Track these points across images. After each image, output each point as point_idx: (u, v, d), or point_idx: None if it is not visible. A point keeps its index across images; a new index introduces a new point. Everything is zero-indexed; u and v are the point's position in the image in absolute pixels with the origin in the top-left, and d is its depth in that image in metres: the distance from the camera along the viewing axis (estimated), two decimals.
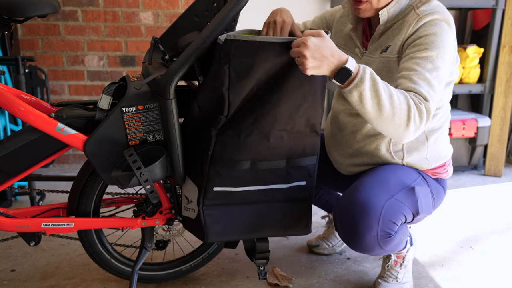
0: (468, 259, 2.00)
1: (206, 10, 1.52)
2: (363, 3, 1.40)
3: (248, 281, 1.77)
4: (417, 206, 1.45)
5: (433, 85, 1.30)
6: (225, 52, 1.21)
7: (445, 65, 1.34)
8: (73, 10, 2.87)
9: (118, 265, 1.65)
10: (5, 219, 1.44)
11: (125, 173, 1.35)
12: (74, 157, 3.09)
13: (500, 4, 2.86)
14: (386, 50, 1.43)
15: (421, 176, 1.53)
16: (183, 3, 2.96)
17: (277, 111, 1.29)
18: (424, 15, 1.37)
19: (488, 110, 3.10)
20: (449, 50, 1.36)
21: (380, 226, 1.38)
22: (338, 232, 1.48)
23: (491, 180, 2.99)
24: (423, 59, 1.32)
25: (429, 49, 1.33)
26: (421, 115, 1.25)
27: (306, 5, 3.10)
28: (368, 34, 1.53)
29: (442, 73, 1.33)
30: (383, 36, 1.46)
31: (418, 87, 1.28)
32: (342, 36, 1.59)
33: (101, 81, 3.01)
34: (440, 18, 1.36)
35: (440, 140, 1.56)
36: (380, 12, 1.41)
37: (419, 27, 1.37)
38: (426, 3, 1.41)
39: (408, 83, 1.29)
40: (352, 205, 1.40)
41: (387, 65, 1.43)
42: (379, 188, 1.41)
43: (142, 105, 1.38)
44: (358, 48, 1.52)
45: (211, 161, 1.32)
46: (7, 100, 1.32)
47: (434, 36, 1.34)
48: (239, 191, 1.39)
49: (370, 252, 1.46)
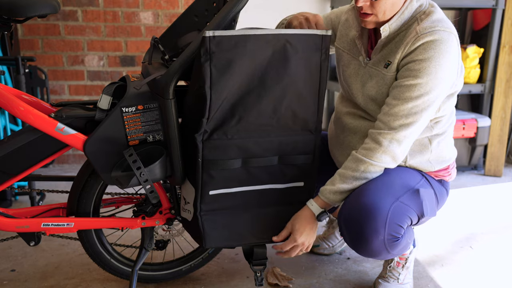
0: (468, 259, 1.99)
1: (206, 10, 1.52)
2: (369, 15, 1.38)
3: (248, 281, 1.77)
4: (422, 208, 1.44)
5: (413, 113, 1.36)
6: (205, 49, 1.21)
7: (437, 88, 1.35)
8: (73, 10, 2.87)
9: (118, 265, 1.65)
10: (5, 219, 1.44)
11: (125, 173, 1.35)
12: (74, 157, 3.09)
13: (500, 4, 2.86)
14: (388, 66, 1.42)
15: (424, 178, 1.52)
16: (183, 3, 2.96)
17: (260, 107, 1.31)
18: (423, 33, 1.34)
19: (488, 110, 3.10)
20: (445, 71, 1.35)
21: (387, 230, 1.37)
22: (344, 237, 1.47)
23: (491, 180, 2.99)
24: (410, 87, 1.35)
25: (419, 76, 1.34)
26: (387, 153, 1.38)
27: (307, 5, 3.10)
28: (373, 41, 1.50)
29: (432, 97, 1.36)
30: (386, 47, 1.44)
31: (392, 121, 1.37)
32: (347, 40, 1.55)
33: (101, 81, 3.01)
34: (438, 38, 1.33)
35: (444, 144, 1.55)
36: (381, 28, 1.39)
37: (415, 48, 1.35)
38: (429, 15, 1.38)
39: (385, 116, 1.39)
40: (358, 209, 1.38)
41: (388, 82, 1.43)
42: (384, 191, 1.40)
43: (142, 105, 1.38)
44: (362, 57, 1.49)
45: (203, 167, 1.33)
46: (7, 100, 1.32)
47: (428, 61, 1.33)
48: (234, 192, 1.39)
49: (377, 256, 1.45)
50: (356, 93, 1.51)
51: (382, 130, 1.38)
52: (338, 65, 1.60)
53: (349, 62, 1.54)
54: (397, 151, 1.38)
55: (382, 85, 1.43)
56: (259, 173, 1.39)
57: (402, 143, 1.38)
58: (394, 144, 1.37)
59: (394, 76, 1.41)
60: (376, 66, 1.45)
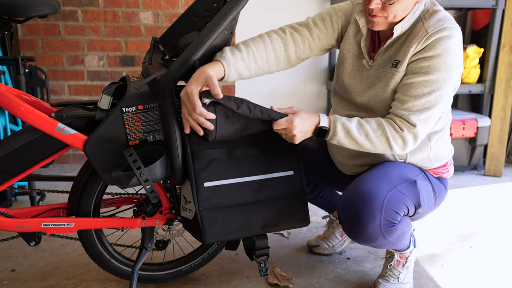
0: (468, 259, 2.00)
1: (206, 11, 1.52)
2: (378, 16, 1.37)
3: (248, 281, 1.77)
4: (419, 199, 1.48)
5: (426, 108, 1.38)
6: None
7: (448, 83, 1.38)
8: (73, 10, 2.87)
9: (118, 265, 1.65)
10: (5, 219, 1.44)
11: (125, 173, 1.35)
12: (74, 157, 3.09)
13: (500, 4, 2.86)
14: (396, 65, 1.42)
15: (423, 173, 1.56)
16: (183, 3, 2.96)
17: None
18: (433, 32, 1.36)
19: (488, 110, 3.10)
20: (454, 66, 1.37)
21: (383, 215, 1.40)
22: (341, 224, 1.49)
23: (491, 180, 2.99)
24: (422, 83, 1.37)
25: (430, 72, 1.36)
26: (404, 141, 1.40)
27: (307, 5, 3.10)
28: (376, 42, 1.50)
29: (443, 92, 1.38)
30: (392, 48, 1.44)
31: (407, 114, 1.39)
32: (353, 42, 1.54)
33: (101, 81, 3.01)
34: (448, 34, 1.35)
35: (442, 141, 1.57)
36: (395, 28, 1.39)
37: (427, 45, 1.37)
38: (434, 14, 1.39)
39: (399, 110, 1.40)
40: (356, 196, 1.43)
41: (398, 81, 1.43)
42: (381, 180, 1.44)
43: (142, 105, 1.38)
44: (366, 60, 1.50)
45: (193, 157, 1.39)
46: (7, 100, 1.32)
47: (439, 58, 1.35)
48: (228, 184, 1.42)
49: (374, 242, 1.47)
50: (360, 94, 1.52)
51: (403, 120, 1.40)
52: (340, 67, 1.58)
53: (354, 64, 1.54)
54: (411, 142, 1.41)
55: (393, 84, 1.44)
56: (248, 164, 1.45)
57: (417, 137, 1.41)
58: (411, 135, 1.40)
59: (404, 74, 1.42)
60: (383, 67, 1.46)
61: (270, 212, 1.47)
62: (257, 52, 1.42)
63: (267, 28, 1.58)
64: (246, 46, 1.41)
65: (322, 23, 1.53)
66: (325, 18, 1.54)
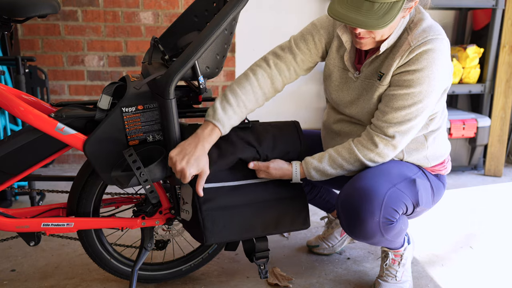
0: (468, 259, 2.00)
1: (206, 10, 1.52)
2: (365, 38, 1.37)
3: (248, 281, 1.77)
4: (418, 198, 1.48)
5: (407, 120, 1.40)
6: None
7: (430, 94, 1.39)
8: (73, 10, 2.87)
9: (118, 265, 1.65)
10: (5, 219, 1.44)
11: (125, 173, 1.35)
12: (74, 157, 3.09)
13: (500, 4, 2.86)
14: (381, 78, 1.43)
15: (421, 171, 1.56)
16: (183, 3, 2.96)
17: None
18: (416, 45, 1.35)
19: (488, 110, 3.10)
20: (438, 78, 1.38)
21: (382, 213, 1.40)
22: (340, 219, 1.50)
23: (491, 180, 2.99)
24: (404, 96, 1.38)
25: (412, 86, 1.37)
26: (381, 155, 1.45)
27: (307, 5, 3.10)
28: (362, 53, 1.50)
29: (426, 103, 1.39)
30: (377, 60, 1.45)
31: (386, 126, 1.41)
32: (334, 56, 1.54)
33: (101, 81, 3.01)
34: (431, 47, 1.35)
35: (439, 139, 1.58)
36: (381, 45, 1.39)
37: (410, 59, 1.37)
38: (419, 23, 1.39)
39: (379, 121, 1.43)
40: (355, 192, 1.43)
41: (382, 93, 1.44)
42: (381, 177, 1.44)
43: (142, 105, 1.38)
44: (351, 72, 1.51)
45: None
46: (7, 100, 1.32)
47: (422, 71, 1.36)
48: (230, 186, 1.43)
49: (371, 239, 1.47)
50: (349, 106, 1.53)
51: (380, 134, 1.43)
52: (328, 80, 1.59)
53: (341, 77, 1.54)
54: (391, 154, 1.46)
55: (378, 96, 1.45)
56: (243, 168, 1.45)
57: (397, 148, 1.45)
58: (389, 148, 1.44)
59: (388, 85, 1.43)
60: (369, 79, 1.47)
61: (271, 215, 1.47)
62: (247, 99, 1.45)
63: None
64: (235, 95, 1.43)
65: (305, 45, 1.53)
66: (307, 39, 1.53)
